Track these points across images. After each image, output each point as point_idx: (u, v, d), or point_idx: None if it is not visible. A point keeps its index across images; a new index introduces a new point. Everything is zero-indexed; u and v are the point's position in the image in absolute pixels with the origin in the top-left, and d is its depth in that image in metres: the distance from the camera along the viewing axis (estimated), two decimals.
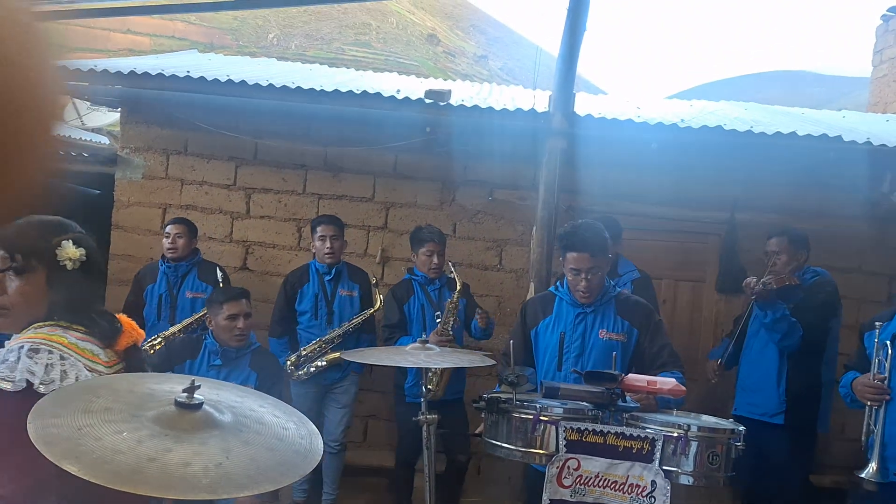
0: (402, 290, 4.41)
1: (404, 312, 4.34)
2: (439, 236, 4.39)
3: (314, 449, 1.37)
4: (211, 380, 1.56)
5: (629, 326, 3.07)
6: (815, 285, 3.89)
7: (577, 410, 2.59)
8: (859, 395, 3.13)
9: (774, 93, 15.81)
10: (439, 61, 13.60)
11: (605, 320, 3.08)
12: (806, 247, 4.01)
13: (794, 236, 4.01)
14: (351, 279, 4.46)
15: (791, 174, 5.03)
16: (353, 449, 5.07)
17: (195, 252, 4.64)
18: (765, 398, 3.89)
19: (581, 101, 5.00)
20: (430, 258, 4.31)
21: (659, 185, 5.06)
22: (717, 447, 2.41)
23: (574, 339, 3.08)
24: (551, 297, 3.22)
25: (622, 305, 3.12)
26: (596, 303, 3.08)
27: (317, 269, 4.45)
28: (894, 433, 2.98)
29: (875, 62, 8.87)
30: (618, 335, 3.05)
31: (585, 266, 2.99)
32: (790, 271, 3.90)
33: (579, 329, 3.08)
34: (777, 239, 4.02)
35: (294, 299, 4.45)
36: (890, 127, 5.74)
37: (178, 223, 4.58)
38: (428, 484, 2.90)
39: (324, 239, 4.38)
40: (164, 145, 5.23)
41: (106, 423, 1.25)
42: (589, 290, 3.02)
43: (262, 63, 6.80)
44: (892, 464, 2.99)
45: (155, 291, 4.52)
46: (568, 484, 2.48)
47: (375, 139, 5.09)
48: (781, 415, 3.84)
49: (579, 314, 3.10)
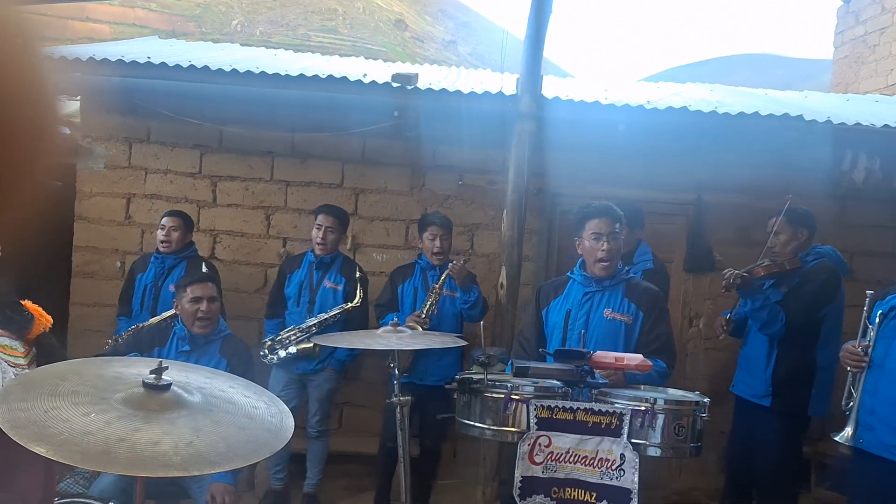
0: (403, 272, 4.47)
1: (396, 292, 4.40)
2: (444, 221, 4.39)
3: (285, 427, 1.37)
4: (180, 362, 1.56)
5: (636, 309, 3.10)
6: (812, 271, 3.78)
7: (548, 388, 2.63)
8: (842, 361, 3.14)
9: (741, 76, 16.01)
10: (407, 47, 13.53)
11: (612, 300, 3.12)
12: (807, 224, 3.87)
13: (794, 214, 3.86)
14: (340, 272, 4.43)
15: (755, 154, 5.12)
16: (330, 436, 5.08)
17: (189, 246, 4.57)
18: (755, 380, 3.87)
19: (549, 83, 5.02)
20: (433, 242, 4.32)
21: (627, 167, 5.11)
22: (682, 419, 2.46)
23: (579, 316, 3.13)
24: (565, 280, 3.29)
25: (632, 288, 3.16)
26: (605, 283, 3.12)
27: (309, 258, 4.45)
28: (868, 402, 3.03)
29: (836, 43, 9.03)
30: (623, 316, 3.09)
31: (606, 230, 3.07)
32: (791, 251, 3.80)
33: (585, 307, 3.13)
34: (776, 218, 3.89)
35: (284, 283, 4.46)
36: (850, 106, 5.86)
37: (173, 216, 4.52)
38: (402, 464, 2.92)
39: (319, 228, 4.37)
40: (126, 134, 5.14)
41: (74, 406, 1.25)
42: (609, 255, 3.06)
43: (225, 49, 6.71)
44: (861, 431, 3.04)
45: (142, 282, 4.49)
46: (539, 461, 2.52)
47: (343, 124, 5.06)
48: (768, 398, 3.80)
49: (587, 293, 3.14)
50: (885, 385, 2.99)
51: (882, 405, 2.99)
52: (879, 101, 6.53)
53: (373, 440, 5.00)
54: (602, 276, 3.11)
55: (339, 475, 4.91)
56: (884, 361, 3.01)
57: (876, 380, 3.02)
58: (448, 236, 4.38)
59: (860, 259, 5.26)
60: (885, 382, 2.99)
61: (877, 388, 3.01)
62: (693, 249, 5.17)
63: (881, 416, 2.98)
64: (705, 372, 5.16)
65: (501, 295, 4.63)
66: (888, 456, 2.97)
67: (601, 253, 3.07)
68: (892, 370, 2.98)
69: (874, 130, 4.69)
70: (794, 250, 3.83)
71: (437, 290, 4.22)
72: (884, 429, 2.98)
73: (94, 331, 5.06)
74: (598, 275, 3.11)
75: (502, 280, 4.63)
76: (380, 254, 5.20)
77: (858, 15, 8.58)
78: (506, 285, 4.60)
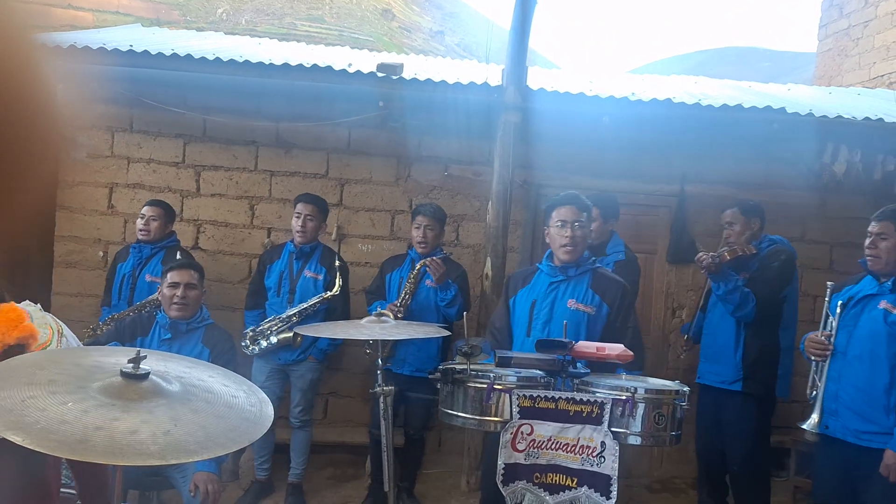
0: (393, 261, 4.51)
1: (384, 280, 4.44)
2: (432, 211, 4.36)
3: (264, 416, 1.38)
4: (159, 352, 1.56)
5: (600, 301, 3.14)
6: (770, 254, 3.97)
7: (530, 378, 2.65)
8: (806, 351, 3.30)
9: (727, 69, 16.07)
10: (394, 37, 13.46)
11: (577, 291, 3.15)
12: (759, 215, 4.09)
13: (746, 206, 4.09)
14: (321, 262, 4.41)
15: (738, 146, 5.16)
16: (315, 426, 5.08)
17: (169, 235, 4.54)
18: (724, 367, 3.98)
19: (534, 75, 5.03)
20: (417, 231, 4.33)
21: (611, 158, 5.13)
22: (662, 408, 2.48)
23: (543, 306, 3.17)
24: (533, 270, 3.33)
25: (598, 279, 3.19)
26: (571, 272, 3.15)
27: (289, 248, 4.44)
28: (832, 389, 3.16)
29: (821, 36, 9.08)
30: (586, 307, 3.12)
31: (571, 218, 3.12)
32: (745, 240, 3.98)
33: (549, 297, 3.17)
34: (730, 210, 4.11)
35: (265, 273, 4.45)
36: (832, 99, 5.91)
37: (153, 205, 4.49)
38: (385, 454, 2.94)
39: (299, 216, 4.35)
40: (108, 123, 5.10)
41: (51, 395, 1.24)
42: (573, 242, 3.11)
43: (209, 37, 6.66)
44: (826, 417, 3.16)
45: (121, 271, 4.46)
46: (521, 448, 2.54)
47: (328, 114, 5.05)
48: (739, 382, 3.92)
49: (552, 283, 3.18)
50: (848, 371, 3.13)
51: (846, 391, 3.12)
52: (861, 94, 6.59)
53: (358, 430, 5.02)
54: (566, 259, 3.14)
55: (324, 465, 4.93)
56: (846, 349, 3.15)
57: (839, 367, 3.16)
58: (435, 227, 4.36)
59: (840, 250, 5.32)
60: (849, 368, 3.13)
61: (840, 375, 3.16)
62: (676, 241, 5.21)
63: (845, 401, 3.11)
64: (687, 362, 5.20)
65: (486, 286, 4.65)
66: (852, 440, 3.08)
67: (565, 239, 3.12)
68: (854, 357, 3.12)
69: (855, 123, 4.73)
70: (748, 239, 4.01)
71: (412, 280, 4.23)
72: (848, 414, 3.10)
73: (76, 321, 5.01)
74: (563, 259, 3.15)
75: (487, 271, 4.65)
76: (365, 244, 5.20)
77: (842, 8, 8.63)
78: (491, 276, 4.62)
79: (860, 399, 3.07)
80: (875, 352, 3.06)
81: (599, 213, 4.17)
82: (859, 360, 3.10)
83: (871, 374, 3.05)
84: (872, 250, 3.15)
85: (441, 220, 4.41)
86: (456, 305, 4.26)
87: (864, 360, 3.08)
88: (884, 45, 7.92)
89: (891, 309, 3.05)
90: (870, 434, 3.02)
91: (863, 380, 3.07)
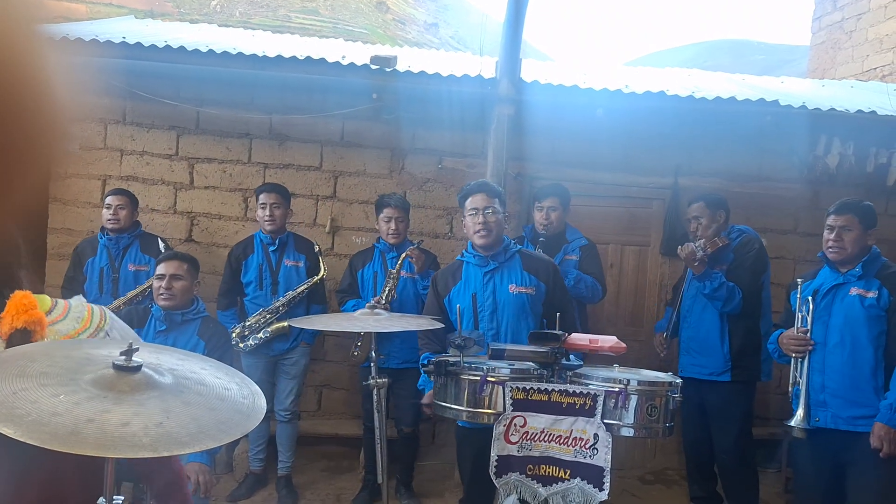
0: (362, 256, 4.48)
1: (356, 277, 4.41)
2: (399, 202, 4.39)
3: (256, 408, 1.38)
4: (151, 344, 1.56)
5: (536, 280, 3.22)
6: (743, 245, 4.05)
7: (523, 370, 2.66)
8: (784, 349, 3.37)
9: (721, 61, 16.08)
10: (389, 29, 13.41)
11: (513, 275, 3.23)
12: (723, 207, 4.16)
13: (710, 199, 4.17)
14: (297, 250, 4.42)
15: (731, 139, 5.17)
16: (309, 418, 5.10)
17: (136, 224, 4.54)
18: (711, 359, 4.05)
19: (528, 67, 5.02)
20: (387, 224, 4.33)
21: (605, 151, 5.13)
22: (655, 400, 2.50)
23: (486, 297, 3.23)
24: (458, 265, 3.36)
25: (527, 261, 3.27)
26: (500, 258, 3.21)
27: (261, 240, 4.40)
28: (815, 381, 3.22)
29: (814, 29, 9.09)
30: (526, 288, 3.20)
31: (482, 205, 3.19)
32: (712, 233, 4.05)
33: (489, 287, 3.23)
34: (696, 205, 4.19)
35: (239, 271, 4.41)
36: (825, 92, 5.92)
37: (119, 194, 4.47)
38: (378, 446, 2.94)
39: (265, 207, 4.34)
40: (101, 115, 5.07)
41: (42, 387, 1.24)
42: (486, 227, 3.19)
43: (202, 29, 6.62)
44: (815, 410, 3.20)
45: (96, 265, 4.40)
46: (515, 440, 2.55)
47: (321, 106, 5.03)
48: (728, 372, 4.01)
49: (487, 273, 3.23)
50: (831, 360, 3.20)
51: (832, 380, 3.18)
52: (854, 86, 6.60)
53: (351, 422, 5.03)
54: (481, 244, 3.21)
55: (317, 457, 4.94)
56: (826, 339, 3.23)
57: (822, 358, 3.23)
58: (404, 218, 4.38)
59: None
60: (831, 357, 3.20)
61: (824, 366, 3.22)
62: (669, 233, 5.22)
63: (834, 390, 3.16)
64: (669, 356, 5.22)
65: None
66: (844, 427, 3.11)
67: (478, 226, 3.19)
68: (835, 345, 3.20)
69: (848, 116, 4.75)
70: (715, 231, 4.08)
71: (395, 274, 4.23)
72: (838, 402, 3.15)
73: None
74: (478, 244, 3.23)
75: None
76: (359, 236, 5.19)
77: (836, 1, 8.63)
78: None
79: (848, 385, 3.14)
80: (856, 336, 3.15)
81: (559, 203, 4.29)
82: (840, 347, 3.18)
83: (855, 359, 3.15)
84: (838, 242, 3.24)
85: (407, 210, 4.44)
86: None
87: (845, 347, 3.17)
88: (877, 37, 7.94)
89: (864, 294, 3.17)
90: (865, 419, 3.08)
91: (848, 366, 3.16)
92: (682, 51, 20.10)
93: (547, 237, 4.17)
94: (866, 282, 3.19)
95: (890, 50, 7.74)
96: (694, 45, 20.86)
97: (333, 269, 4.88)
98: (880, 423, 3.01)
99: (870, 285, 3.17)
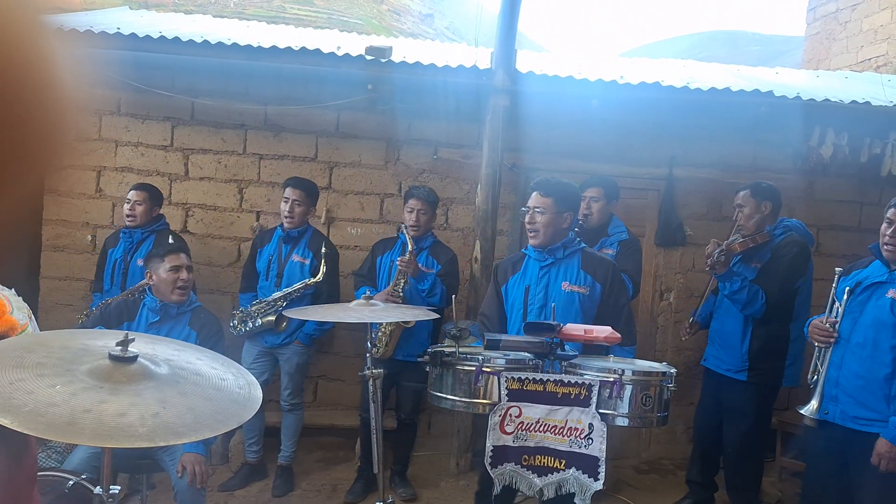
0: (384, 244, 4.49)
1: (376, 264, 4.42)
2: (425, 195, 4.34)
3: (253, 398, 1.39)
4: (147, 335, 1.56)
5: (592, 280, 3.17)
6: (783, 244, 3.88)
7: (519, 361, 2.66)
8: (810, 336, 3.24)
9: (716, 52, 16.08)
10: (384, 19, 13.36)
11: (569, 273, 3.18)
12: (771, 197, 3.97)
13: (758, 188, 3.98)
14: (308, 247, 4.40)
15: (726, 130, 5.18)
16: (305, 409, 5.10)
17: (157, 219, 4.50)
18: (730, 355, 3.97)
19: (523, 58, 5.01)
20: (410, 214, 4.31)
21: (600, 142, 5.14)
22: (650, 389, 2.51)
23: (538, 291, 3.20)
24: (521, 257, 3.35)
25: (587, 259, 3.22)
26: (559, 255, 3.19)
27: (279, 232, 4.43)
28: (833, 375, 3.12)
29: (809, 20, 9.09)
30: (580, 287, 3.16)
31: (532, 204, 3.20)
32: (755, 224, 3.90)
33: (543, 282, 3.20)
34: (742, 192, 4.02)
35: (256, 257, 4.46)
36: (820, 82, 5.92)
37: (139, 189, 4.44)
38: (375, 436, 2.95)
39: (287, 201, 4.34)
40: (95, 106, 5.05)
41: (39, 378, 1.25)
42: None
43: (196, 20, 6.59)
44: (826, 403, 3.15)
45: (112, 257, 4.43)
46: (510, 430, 2.56)
47: (316, 97, 5.02)
48: (744, 372, 3.91)
49: (543, 268, 3.21)
50: (850, 358, 3.09)
51: (847, 378, 3.09)
52: (849, 77, 6.61)
53: (348, 413, 5.05)
54: (532, 245, 3.22)
55: (314, 448, 4.95)
56: (850, 336, 3.10)
57: (842, 354, 3.11)
58: (428, 211, 4.34)
59: (826, 233, 5.37)
60: (851, 356, 3.09)
61: (842, 362, 3.11)
62: (664, 224, 5.23)
63: (845, 388, 3.08)
64: (674, 344, 5.25)
65: (476, 269, 4.67)
66: (850, 425, 3.08)
67: (528, 225, 3.20)
68: (857, 344, 3.07)
69: (842, 106, 4.76)
70: (758, 223, 3.92)
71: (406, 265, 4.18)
72: (848, 400, 3.08)
73: (65, 305, 5.02)
74: (530, 244, 3.25)
75: (476, 254, 4.66)
76: (354, 228, 5.20)
77: None
78: (480, 259, 4.63)
79: (860, 387, 3.03)
80: (878, 341, 3.00)
81: (603, 194, 4.19)
82: (862, 347, 3.04)
83: (873, 363, 3.00)
84: (894, 238, 3.01)
85: (434, 204, 4.40)
86: (437, 294, 4.25)
87: (866, 348, 3.03)
88: (871, 28, 7.94)
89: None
90: (868, 421, 3.00)
91: (864, 368, 3.02)
92: (677, 42, 20.10)
93: (585, 229, 4.01)
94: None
95: (884, 41, 7.74)
96: (689, 36, 20.85)
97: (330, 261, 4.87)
98: (885, 441, 2.90)
99: None
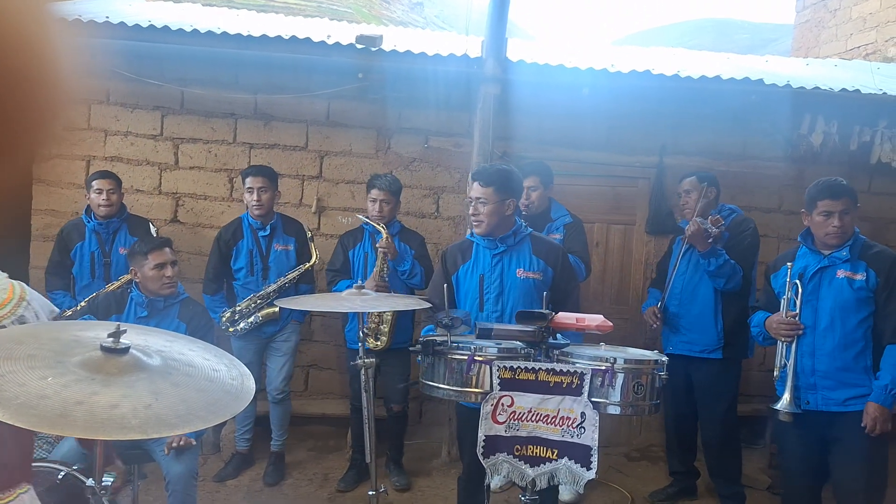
0: (352, 236, 4.44)
1: (349, 257, 4.37)
2: (387, 184, 4.29)
3: (246, 389, 1.39)
4: (139, 326, 1.56)
5: (544, 265, 3.20)
6: (738, 223, 4.06)
7: (510, 349, 2.67)
8: (774, 334, 3.31)
9: (705, 40, 16.08)
10: (374, 8, 13.28)
11: (522, 260, 3.20)
12: (715, 184, 4.14)
13: (702, 175, 4.16)
14: (286, 233, 4.38)
15: (716, 118, 5.19)
16: (296, 398, 5.10)
17: (123, 207, 4.49)
18: (703, 335, 4.07)
19: (514, 46, 5.00)
20: (373, 204, 4.27)
21: (591, 130, 5.14)
22: (642, 378, 2.52)
23: (493, 279, 3.20)
24: (469, 244, 3.32)
25: (537, 245, 3.24)
26: (510, 241, 3.19)
27: (250, 224, 4.34)
28: (805, 364, 3.20)
29: (798, 8, 9.10)
30: (534, 273, 3.18)
31: (473, 195, 3.19)
32: (701, 209, 4.01)
33: (497, 270, 3.20)
34: (687, 179, 4.17)
35: (229, 256, 4.35)
36: (810, 70, 5.94)
37: (107, 178, 4.36)
38: (367, 426, 2.96)
39: (251, 191, 4.25)
40: (84, 95, 5.00)
41: (30, 370, 1.24)
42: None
43: (185, 8, 6.53)
44: (803, 393, 3.20)
45: (86, 250, 4.33)
46: (502, 420, 2.56)
47: (307, 86, 5.00)
48: (720, 350, 4.05)
49: (496, 255, 3.20)
50: (822, 344, 3.18)
51: (823, 363, 3.16)
52: (838, 65, 6.62)
53: (338, 402, 5.05)
54: (477, 233, 3.22)
55: (305, 437, 4.96)
56: (815, 323, 3.19)
57: (811, 341, 3.20)
58: (391, 201, 4.27)
59: None
60: (822, 341, 3.17)
61: (815, 349, 3.19)
62: (655, 212, 5.25)
63: (824, 372, 3.15)
64: None
65: None
66: (836, 409, 3.13)
67: (471, 217, 3.21)
68: (825, 329, 3.17)
69: (832, 94, 4.77)
70: (704, 207, 4.04)
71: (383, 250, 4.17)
72: (829, 384, 3.15)
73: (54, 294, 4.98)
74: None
75: None
76: (345, 216, 5.18)
77: None
78: None
79: (840, 368, 3.12)
80: (845, 320, 3.13)
81: (539, 182, 4.22)
82: (831, 330, 3.15)
83: (846, 342, 3.12)
84: (842, 227, 3.14)
85: (396, 193, 4.34)
86: (417, 275, 4.26)
87: (835, 330, 3.14)
88: (861, 16, 7.95)
89: (852, 276, 3.14)
90: (855, 399, 3.10)
91: (839, 349, 3.13)
92: (668, 30, 20.09)
93: (529, 217, 4.08)
94: (852, 264, 3.15)
95: (873, 28, 7.76)
96: (679, 25, 20.85)
97: (320, 250, 4.87)
98: (874, 404, 3.01)
99: (856, 267, 3.14)
